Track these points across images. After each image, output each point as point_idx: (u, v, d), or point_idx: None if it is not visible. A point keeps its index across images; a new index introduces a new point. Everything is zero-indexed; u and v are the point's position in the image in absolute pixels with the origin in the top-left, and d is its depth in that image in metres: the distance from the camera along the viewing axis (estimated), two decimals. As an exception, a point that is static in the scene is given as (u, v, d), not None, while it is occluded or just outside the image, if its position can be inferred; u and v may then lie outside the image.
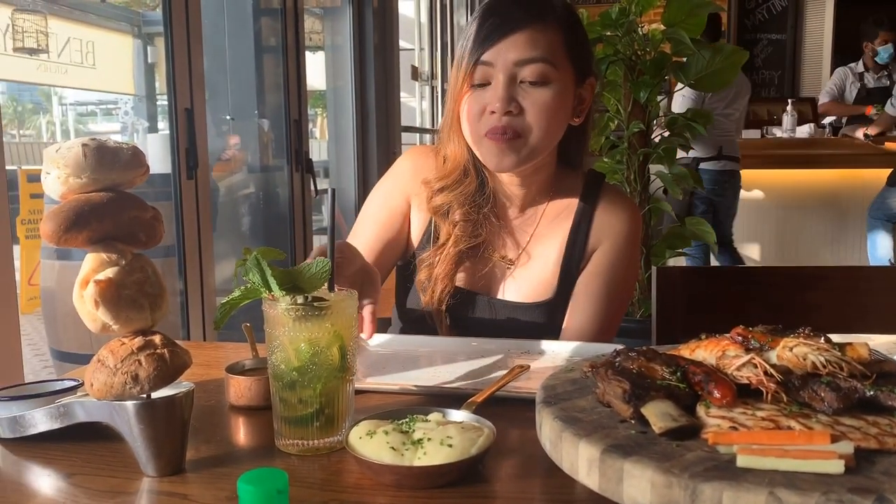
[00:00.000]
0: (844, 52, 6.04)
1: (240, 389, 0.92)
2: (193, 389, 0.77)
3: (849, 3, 6.49)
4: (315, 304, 0.78)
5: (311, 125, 5.77)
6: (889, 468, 0.59)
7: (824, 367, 0.70)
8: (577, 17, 1.25)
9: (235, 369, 0.96)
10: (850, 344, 0.78)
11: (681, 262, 3.48)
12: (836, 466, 0.58)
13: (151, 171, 0.82)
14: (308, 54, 4.18)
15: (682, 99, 4.15)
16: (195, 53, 2.04)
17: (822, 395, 0.67)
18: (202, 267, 2.02)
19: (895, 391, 0.68)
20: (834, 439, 0.61)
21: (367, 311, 1.00)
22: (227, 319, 0.82)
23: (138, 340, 0.73)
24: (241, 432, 0.90)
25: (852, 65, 5.27)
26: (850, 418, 0.66)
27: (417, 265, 1.29)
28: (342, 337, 0.79)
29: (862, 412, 0.68)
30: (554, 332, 1.27)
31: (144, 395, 0.73)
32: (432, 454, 0.71)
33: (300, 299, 0.79)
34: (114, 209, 0.73)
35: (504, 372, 0.97)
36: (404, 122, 4.04)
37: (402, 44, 3.85)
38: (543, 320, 1.27)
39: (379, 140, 3.33)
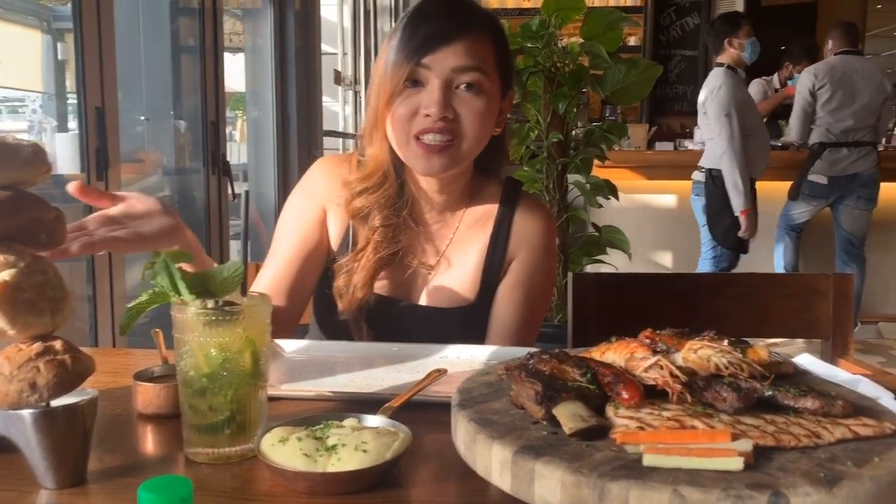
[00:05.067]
0: (751, 69, 6.30)
1: (148, 397, 0.89)
2: (97, 397, 0.74)
3: (755, 23, 6.80)
4: (226, 308, 0.77)
5: (230, 128, 5.65)
6: (785, 464, 0.62)
7: (726, 368, 0.73)
8: (504, 33, 1.27)
9: (144, 376, 0.93)
10: (751, 346, 0.81)
11: (599, 268, 3.56)
12: (736, 464, 0.60)
13: (61, 172, 0.79)
14: (228, 55, 4.09)
15: None
16: (107, 50, 1.97)
17: (724, 395, 0.69)
18: (112, 271, 1.94)
19: (791, 391, 0.71)
20: (734, 438, 0.64)
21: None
22: (134, 324, 0.79)
23: (37, 346, 0.70)
24: (149, 441, 0.87)
25: (767, 78, 5.47)
26: (750, 417, 0.69)
27: (335, 270, 1.27)
28: (255, 342, 0.77)
29: (761, 411, 0.71)
30: (475, 338, 1.28)
31: (43, 404, 0.70)
32: (346, 460, 0.70)
33: (210, 303, 0.77)
34: (12, 208, 0.70)
35: (422, 377, 0.97)
36: (326, 126, 4.00)
37: (325, 48, 3.81)
38: (464, 326, 1.27)
39: (300, 144, 3.29)
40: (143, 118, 2.84)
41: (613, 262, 3.46)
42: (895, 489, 0.61)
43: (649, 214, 4.81)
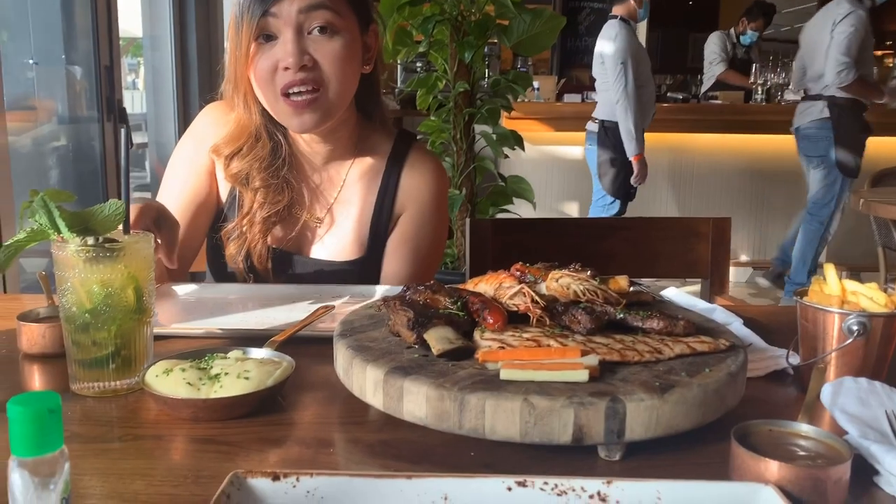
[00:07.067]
0: (659, 21, 6.45)
1: (32, 337, 0.90)
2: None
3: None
4: (107, 245, 0.78)
5: (133, 75, 5.40)
6: (627, 376, 0.69)
7: (584, 294, 0.80)
8: None
9: (29, 317, 0.93)
10: (612, 278, 0.88)
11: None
12: (582, 375, 0.67)
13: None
14: (126, -2, 3.90)
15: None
16: (-13, -11, 1.87)
17: (579, 317, 0.76)
18: (0, 219, 1.88)
19: (640, 313, 0.79)
20: (583, 354, 0.70)
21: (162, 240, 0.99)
22: (13, 262, 0.79)
23: None
24: (35, 379, 0.87)
25: (727, 31, 5.62)
26: (601, 337, 0.76)
27: (223, 238, 1.26)
28: (137, 279, 0.79)
29: (613, 332, 0.78)
30: None
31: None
32: (228, 387, 0.74)
33: (91, 240, 0.78)
34: None
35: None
36: (231, 74, 3.88)
37: (228, -9, 3.70)
38: (355, 279, 1.27)
39: (202, 91, 3.20)
40: (31, 62, 2.71)
41: (520, 212, 3.55)
42: (721, 394, 0.69)
43: (556, 165, 4.92)
